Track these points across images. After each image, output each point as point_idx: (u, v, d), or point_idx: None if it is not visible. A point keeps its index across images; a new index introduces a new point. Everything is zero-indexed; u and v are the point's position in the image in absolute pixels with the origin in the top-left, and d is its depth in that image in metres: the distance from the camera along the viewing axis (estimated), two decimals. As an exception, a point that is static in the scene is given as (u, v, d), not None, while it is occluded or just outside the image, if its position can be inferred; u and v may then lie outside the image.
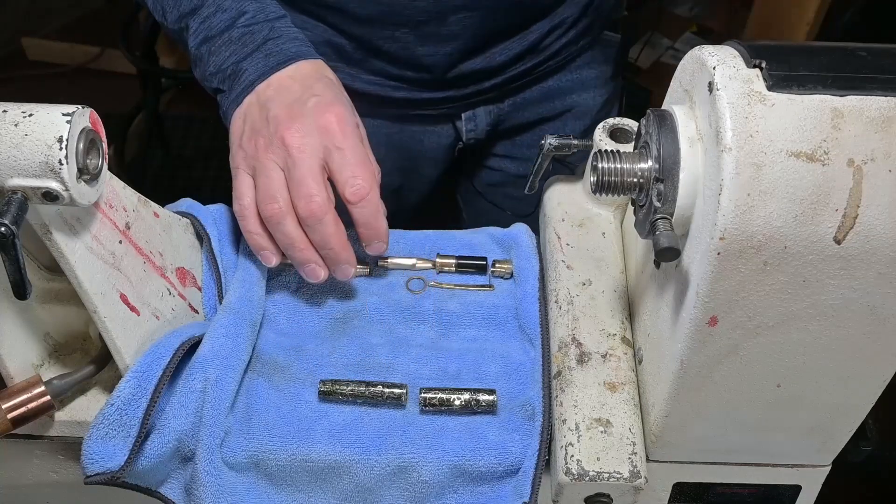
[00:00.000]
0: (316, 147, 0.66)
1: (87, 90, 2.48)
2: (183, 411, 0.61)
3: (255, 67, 0.71)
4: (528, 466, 0.61)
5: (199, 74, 0.76)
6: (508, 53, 0.92)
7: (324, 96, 0.69)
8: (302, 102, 0.68)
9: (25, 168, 0.49)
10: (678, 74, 0.54)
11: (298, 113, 0.68)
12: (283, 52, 0.72)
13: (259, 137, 0.68)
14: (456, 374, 0.67)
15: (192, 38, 0.75)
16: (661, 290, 0.58)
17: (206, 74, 0.74)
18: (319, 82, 0.71)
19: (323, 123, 0.67)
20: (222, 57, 0.73)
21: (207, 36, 0.74)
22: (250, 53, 0.72)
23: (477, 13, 0.86)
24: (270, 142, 0.67)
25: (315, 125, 0.67)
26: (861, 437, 0.62)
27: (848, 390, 0.56)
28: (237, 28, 0.73)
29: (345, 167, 0.67)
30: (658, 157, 0.52)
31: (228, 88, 0.73)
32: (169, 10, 0.77)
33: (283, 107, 0.68)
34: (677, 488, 0.66)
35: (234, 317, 0.66)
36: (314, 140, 0.67)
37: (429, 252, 0.75)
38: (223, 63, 0.73)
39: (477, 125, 1.00)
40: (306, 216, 0.66)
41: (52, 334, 0.65)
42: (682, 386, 0.56)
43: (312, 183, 0.66)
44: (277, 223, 0.66)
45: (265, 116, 0.69)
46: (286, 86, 0.70)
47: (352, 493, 0.63)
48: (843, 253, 0.47)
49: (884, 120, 0.45)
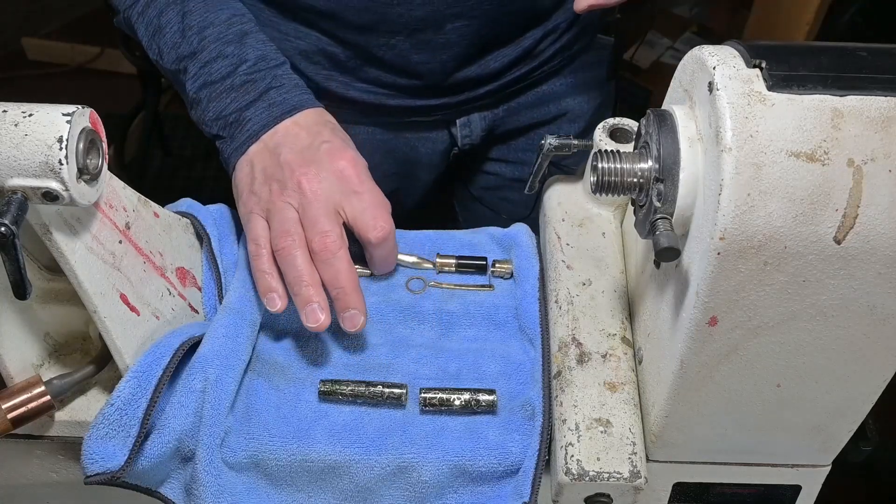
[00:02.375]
0: (332, 192, 0.68)
1: (87, 90, 2.48)
2: (183, 411, 0.61)
3: (259, 117, 0.72)
4: (528, 466, 0.61)
5: (197, 118, 0.75)
6: (503, 60, 0.92)
7: (334, 142, 0.70)
8: (314, 149, 0.69)
9: (25, 168, 0.49)
10: (678, 74, 0.54)
11: (312, 158, 0.69)
12: (286, 102, 0.72)
13: (273, 182, 0.69)
14: (456, 374, 0.67)
15: (190, 81, 0.74)
16: (661, 290, 0.58)
17: (205, 119, 0.74)
18: (325, 128, 0.72)
19: (338, 169, 0.68)
20: (223, 104, 0.73)
21: (207, 81, 0.73)
22: (253, 102, 0.72)
23: (474, 22, 0.86)
24: (285, 186, 0.68)
25: (330, 171, 0.68)
26: (861, 437, 0.62)
27: (848, 390, 0.56)
28: (239, 75, 0.73)
29: (365, 211, 0.68)
30: (658, 157, 0.52)
31: (230, 136, 0.73)
32: (166, 52, 0.77)
33: (295, 153, 0.69)
34: (677, 488, 0.66)
35: (234, 317, 0.66)
36: (330, 185, 0.68)
37: (429, 252, 0.75)
38: (224, 110, 0.73)
39: (472, 131, 1.00)
40: (320, 250, 0.66)
41: (52, 334, 0.65)
42: (682, 386, 0.56)
43: (326, 221, 0.67)
44: (289, 255, 0.66)
45: (277, 162, 0.69)
46: (293, 133, 0.71)
47: (352, 493, 0.63)
48: (843, 253, 0.47)
49: (884, 120, 0.45)
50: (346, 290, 0.66)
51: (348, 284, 0.66)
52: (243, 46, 0.74)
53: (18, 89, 2.48)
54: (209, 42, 0.74)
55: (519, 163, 1.07)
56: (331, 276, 0.66)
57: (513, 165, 1.07)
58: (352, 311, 0.66)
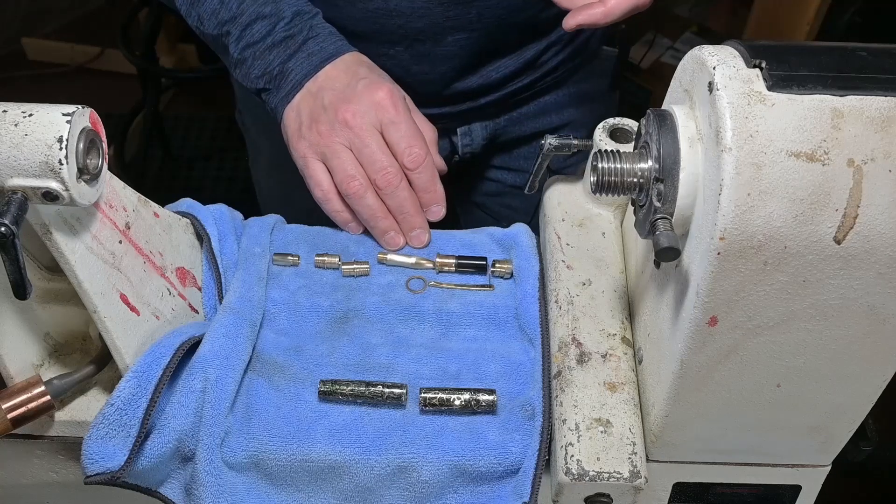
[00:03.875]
0: (374, 123, 0.74)
1: (87, 90, 2.48)
2: (183, 411, 0.61)
3: (300, 67, 0.78)
4: (528, 466, 0.61)
5: (242, 76, 0.81)
6: (504, 71, 0.93)
7: (370, 77, 0.76)
8: (352, 87, 0.76)
9: (25, 168, 0.49)
10: (678, 74, 0.54)
11: (352, 95, 0.75)
12: (324, 50, 0.78)
13: (320, 124, 0.75)
14: (456, 374, 0.67)
15: (233, 44, 0.80)
16: (661, 290, 0.58)
17: (250, 77, 0.80)
18: (362, 67, 0.78)
19: (376, 100, 0.74)
20: (266, 60, 0.79)
21: (250, 42, 0.79)
22: (293, 54, 0.78)
23: (474, 34, 0.86)
24: (332, 126, 0.74)
25: (369, 103, 0.74)
26: (861, 437, 0.62)
27: (848, 390, 0.56)
28: (278, 33, 0.79)
29: (401, 139, 0.74)
30: (658, 157, 0.52)
31: (275, 87, 0.79)
32: (206, 18, 0.82)
33: (336, 93, 0.75)
34: (677, 488, 0.66)
35: (234, 317, 0.66)
36: (371, 117, 0.74)
37: (429, 252, 0.75)
38: (268, 66, 0.79)
39: (473, 140, 1.00)
40: (384, 186, 0.74)
41: (52, 334, 0.65)
42: (682, 386, 0.56)
43: (383, 157, 0.74)
44: (360, 198, 0.74)
45: (321, 105, 0.75)
46: (333, 76, 0.77)
47: (352, 493, 0.63)
48: (843, 253, 0.47)
49: (884, 120, 0.45)
50: (410, 214, 0.75)
51: (412, 208, 0.75)
52: (279, 4, 0.79)
53: (18, 89, 2.48)
54: (248, 5, 0.80)
55: (521, 170, 1.07)
56: (396, 205, 0.74)
57: (514, 173, 1.07)
58: (417, 231, 0.75)
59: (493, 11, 0.85)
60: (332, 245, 0.76)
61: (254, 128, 1.11)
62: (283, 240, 0.76)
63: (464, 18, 0.85)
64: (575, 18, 0.69)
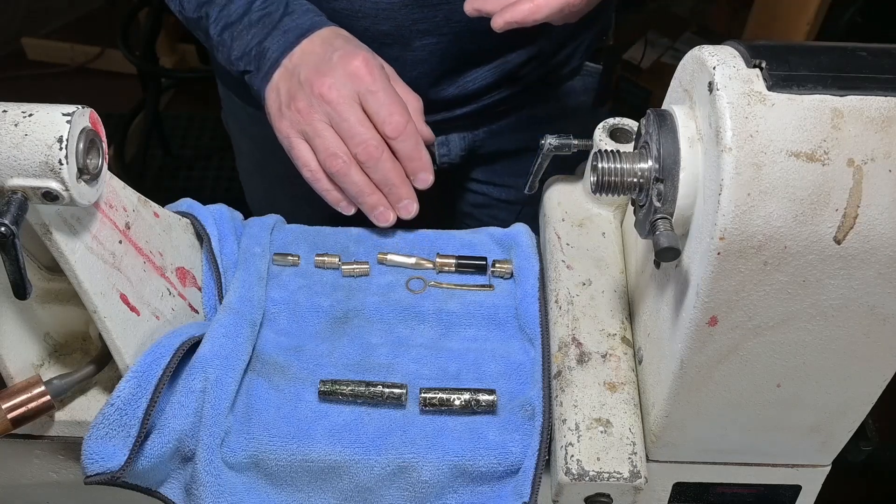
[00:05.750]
0: (352, 94, 0.73)
1: (87, 90, 2.48)
2: (183, 411, 0.61)
3: (277, 45, 0.77)
4: (528, 466, 0.61)
5: (223, 59, 0.81)
6: (481, 82, 0.91)
7: (345, 48, 0.75)
8: (328, 59, 0.74)
9: (25, 168, 0.49)
10: (678, 74, 0.54)
11: (327, 69, 0.74)
12: (300, 27, 0.77)
13: (298, 101, 0.74)
14: (456, 374, 0.67)
15: (212, 25, 0.79)
16: (661, 290, 0.58)
17: (230, 59, 0.80)
18: (338, 39, 0.77)
19: (351, 70, 0.73)
20: (245, 41, 0.78)
21: (228, 23, 0.78)
22: (270, 32, 0.77)
23: (443, 39, 0.85)
24: (310, 102, 0.73)
25: (345, 74, 0.73)
26: (861, 437, 0.62)
27: (848, 390, 0.56)
28: (254, 12, 0.78)
29: (380, 108, 0.73)
30: (658, 157, 0.52)
31: (256, 68, 0.78)
32: (186, 2, 0.81)
33: (312, 68, 0.74)
34: (677, 488, 0.66)
35: (234, 317, 0.66)
36: (348, 88, 0.73)
37: (429, 252, 0.75)
38: (247, 46, 0.78)
39: (450, 150, 0.99)
40: (366, 159, 0.72)
41: (52, 334, 0.65)
42: (682, 386, 0.56)
43: (363, 129, 0.72)
44: (345, 175, 0.73)
45: (297, 81, 0.74)
46: (309, 51, 0.76)
47: (352, 493, 0.63)
48: (843, 253, 0.47)
49: (884, 120, 0.45)
50: (396, 185, 0.74)
51: (397, 179, 0.74)
52: None
53: (18, 89, 2.48)
54: None
55: (506, 186, 1.05)
56: (381, 177, 0.73)
57: (500, 188, 1.06)
58: (405, 202, 0.75)
59: (459, 14, 0.81)
60: (332, 245, 0.76)
61: (234, 128, 1.10)
62: (283, 240, 0.76)
63: (431, 21, 0.83)
64: (502, 17, 0.68)
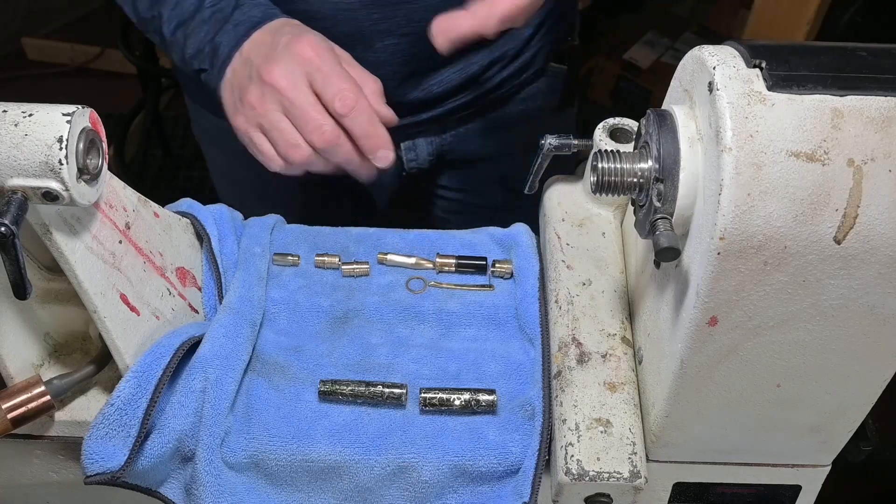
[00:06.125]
0: (301, 78, 0.71)
1: (87, 90, 2.48)
2: (183, 411, 0.61)
3: (228, 39, 0.75)
4: (528, 466, 0.61)
5: (178, 58, 0.79)
6: (446, 85, 0.91)
7: (292, 33, 0.73)
8: (275, 46, 0.73)
9: (25, 168, 0.49)
10: (678, 74, 0.54)
11: (274, 55, 0.72)
12: (250, 19, 0.76)
13: (250, 94, 0.72)
14: (456, 374, 0.67)
15: (165, 25, 0.78)
16: (661, 290, 0.58)
17: (185, 58, 0.78)
18: (286, 26, 0.75)
19: (297, 52, 0.71)
20: (198, 38, 0.76)
21: (180, 21, 0.77)
22: (221, 27, 0.76)
23: (406, 39, 0.85)
24: (262, 93, 0.71)
25: (292, 59, 0.71)
26: (861, 437, 0.62)
27: (848, 390, 0.56)
28: (206, 8, 0.77)
29: (327, 86, 0.71)
30: (658, 157, 0.52)
31: (210, 65, 0.77)
32: (139, 2, 0.80)
33: (262, 57, 0.73)
34: (677, 488, 0.66)
35: (234, 317, 0.66)
36: (297, 73, 0.71)
37: (429, 252, 0.75)
38: (200, 43, 0.76)
39: (418, 155, 0.98)
40: (322, 146, 0.71)
41: (52, 334, 0.65)
42: (682, 386, 0.56)
43: (315, 114, 0.70)
44: (309, 165, 0.73)
45: (248, 74, 0.73)
46: (259, 41, 0.75)
47: (352, 493, 0.63)
48: (843, 253, 0.47)
49: (884, 120, 0.45)
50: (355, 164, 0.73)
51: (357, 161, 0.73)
52: None
53: (18, 89, 2.48)
54: None
55: (480, 192, 1.05)
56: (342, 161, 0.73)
57: (473, 194, 1.06)
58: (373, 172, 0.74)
59: (419, 14, 0.82)
60: (332, 245, 0.76)
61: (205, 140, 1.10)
62: (283, 240, 0.76)
63: (391, 22, 0.83)
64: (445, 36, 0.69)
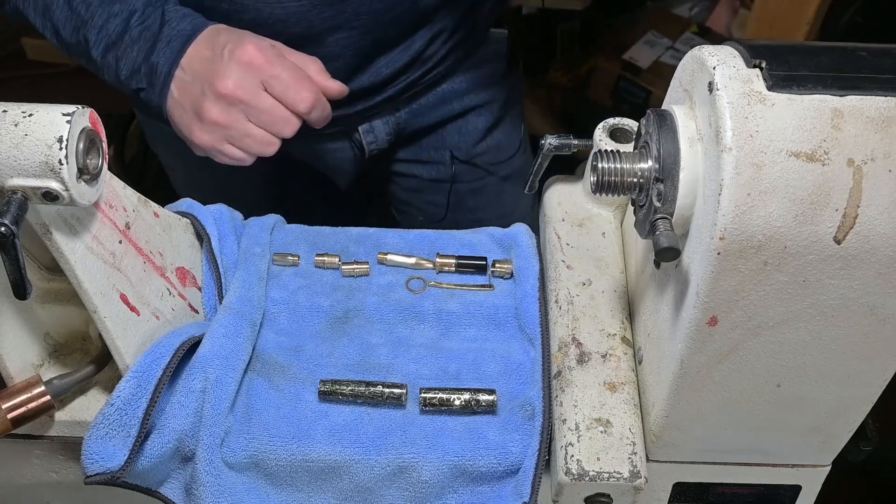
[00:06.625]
0: (256, 84, 0.74)
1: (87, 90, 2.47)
2: (183, 411, 0.61)
3: (164, 58, 0.76)
4: (528, 466, 0.61)
5: (111, 80, 0.79)
6: (393, 67, 0.92)
7: (232, 41, 0.75)
8: (219, 59, 0.75)
9: (25, 168, 0.49)
10: (678, 74, 0.54)
11: (223, 69, 0.74)
12: (181, 34, 0.77)
13: (211, 112, 0.74)
14: (456, 374, 0.67)
15: (94, 48, 0.78)
16: (661, 290, 0.58)
17: (120, 79, 0.78)
18: (221, 34, 0.77)
19: (245, 61, 0.74)
20: (131, 58, 0.77)
21: (109, 43, 0.77)
22: (153, 46, 0.77)
23: (355, 32, 0.85)
24: (222, 107, 0.74)
25: (241, 67, 0.74)
26: (861, 437, 0.62)
27: (848, 390, 0.56)
28: (133, 28, 0.77)
29: (287, 90, 0.75)
30: (658, 157, 0.52)
31: (149, 85, 0.77)
32: (61, 27, 0.79)
33: (209, 71, 0.75)
34: (677, 488, 0.66)
35: (234, 317, 0.66)
36: (250, 80, 0.74)
37: (428, 252, 0.75)
38: (134, 63, 0.77)
39: (377, 136, 1.00)
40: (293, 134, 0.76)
41: (52, 334, 0.65)
42: (682, 386, 0.56)
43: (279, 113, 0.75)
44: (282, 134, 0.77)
45: (200, 91, 0.74)
46: (196, 55, 0.76)
47: (352, 493, 0.63)
48: (843, 253, 0.47)
49: (884, 120, 0.45)
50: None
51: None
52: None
53: (18, 89, 2.48)
54: (96, 6, 0.77)
55: (432, 162, 1.07)
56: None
57: (427, 165, 1.07)
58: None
59: (368, 6, 0.84)
60: (331, 245, 0.76)
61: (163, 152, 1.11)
62: (283, 240, 0.76)
63: (340, 18, 0.84)
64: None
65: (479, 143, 1.06)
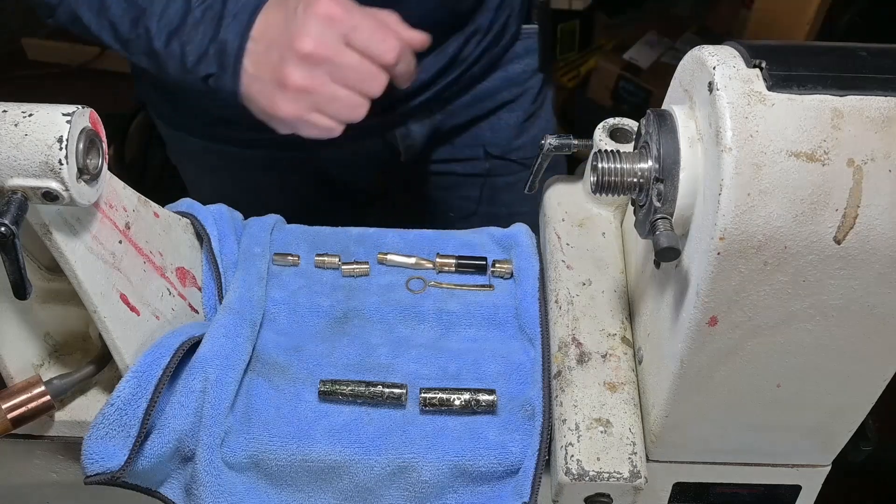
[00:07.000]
0: (338, 38, 0.69)
1: (87, 90, 2.48)
2: (183, 411, 0.61)
3: (233, 33, 0.72)
4: (528, 466, 0.61)
5: (177, 71, 0.75)
6: (430, 71, 0.91)
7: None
8: (294, 18, 0.70)
9: (25, 168, 0.49)
10: (678, 74, 0.54)
11: (298, 27, 0.69)
12: (247, 6, 0.73)
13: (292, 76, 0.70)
14: (456, 374, 0.67)
15: (156, 39, 0.74)
16: (661, 290, 0.58)
17: (187, 68, 0.74)
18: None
19: (322, 16, 0.69)
20: (196, 42, 0.73)
21: (171, 30, 0.73)
22: (219, 23, 0.72)
23: None
24: (304, 70, 0.69)
25: (320, 22, 0.69)
26: (861, 437, 0.62)
27: (848, 390, 0.56)
28: (195, 9, 0.73)
29: (371, 41, 0.70)
30: (658, 157, 0.52)
31: (220, 66, 0.73)
32: (119, 22, 0.75)
33: (284, 34, 0.70)
34: (677, 488, 0.66)
35: (234, 317, 0.66)
36: (331, 35, 0.69)
37: (429, 252, 0.75)
38: (200, 47, 0.73)
39: (414, 140, 0.99)
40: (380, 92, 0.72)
41: (52, 334, 0.65)
42: (682, 386, 0.56)
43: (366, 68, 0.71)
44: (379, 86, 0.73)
45: (279, 56, 0.70)
46: (268, 22, 0.71)
47: (352, 493, 0.63)
48: (843, 253, 0.47)
49: (884, 120, 0.45)
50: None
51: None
52: None
53: (18, 89, 2.47)
54: None
55: (468, 159, 1.06)
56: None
57: (461, 163, 1.07)
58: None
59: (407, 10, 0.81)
60: (332, 245, 0.76)
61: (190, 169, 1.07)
62: (283, 240, 0.76)
63: None
64: None
65: (513, 140, 1.06)
